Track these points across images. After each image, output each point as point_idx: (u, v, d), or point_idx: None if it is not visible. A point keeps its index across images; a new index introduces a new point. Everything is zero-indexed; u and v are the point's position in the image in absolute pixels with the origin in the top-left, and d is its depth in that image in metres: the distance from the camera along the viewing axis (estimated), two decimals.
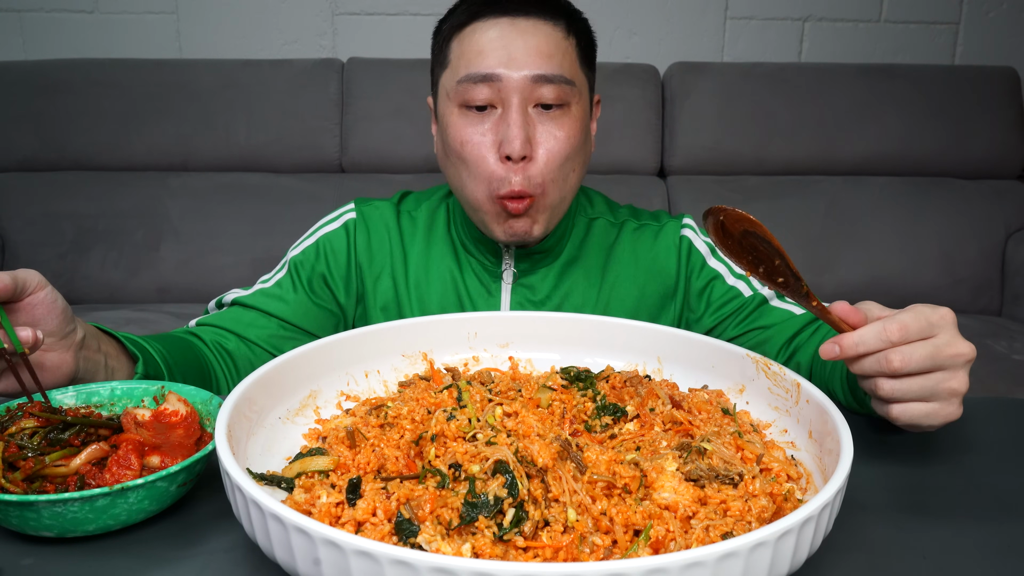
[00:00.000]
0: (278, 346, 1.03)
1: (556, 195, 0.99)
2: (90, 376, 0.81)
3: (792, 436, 0.74)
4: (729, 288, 1.06)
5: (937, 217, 2.39)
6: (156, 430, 0.73)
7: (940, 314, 0.70)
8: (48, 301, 0.76)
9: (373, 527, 0.56)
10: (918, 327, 0.69)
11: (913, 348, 0.68)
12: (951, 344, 0.69)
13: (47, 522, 0.62)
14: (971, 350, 0.70)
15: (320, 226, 1.11)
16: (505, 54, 0.94)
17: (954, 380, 0.69)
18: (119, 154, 2.42)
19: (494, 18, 0.96)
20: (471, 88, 0.95)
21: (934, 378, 0.69)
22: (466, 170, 0.98)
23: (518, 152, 0.93)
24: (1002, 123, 2.46)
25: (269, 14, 2.60)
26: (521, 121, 0.94)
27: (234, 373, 0.99)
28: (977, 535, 0.67)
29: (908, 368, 0.68)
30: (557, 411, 0.73)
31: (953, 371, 0.69)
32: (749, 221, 0.71)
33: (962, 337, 0.70)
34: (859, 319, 0.71)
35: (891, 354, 0.68)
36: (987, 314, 2.37)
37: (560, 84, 0.95)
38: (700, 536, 0.56)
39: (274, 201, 2.36)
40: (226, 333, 1.01)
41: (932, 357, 0.68)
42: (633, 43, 2.66)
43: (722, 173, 2.48)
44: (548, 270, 1.08)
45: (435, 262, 1.09)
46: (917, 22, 2.68)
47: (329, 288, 1.08)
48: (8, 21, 2.58)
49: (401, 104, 2.39)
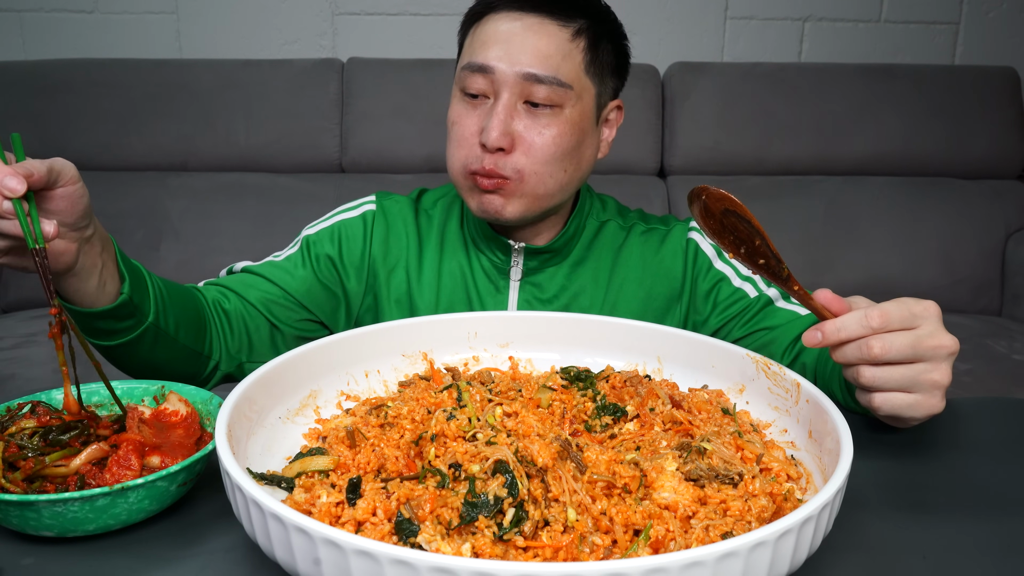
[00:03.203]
0: (275, 313, 1.03)
1: (539, 186, 1.00)
2: (84, 276, 0.79)
3: (792, 436, 0.74)
4: (735, 290, 1.07)
5: (937, 217, 2.39)
6: (156, 430, 0.73)
7: (924, 306, 0.70)
8: (76, 196, 0.75)
9: (373, 527, 0.56)
10: (900, 316, 0.69)
11: (894, 336, 0.69)
12: (933, 335, 0.69)
13: (47, 522, 0.62)
14: (954, 343, 0.70)
15: (338, 212, 1.13)
16: (504, 49, 0.97)
17: (936, 372, 0.70)
18: (119, 154, 2.41)
19: (508, 11, 0.99)
20: (469, 75, 0.99)
21: (916, 368, 0.70)
22: (451, 146, 1.03)
23: (492, 143, 0.96)
24: (1002, 123, 2.46)
25: (269, 14, 2.60)
26: (504, 116, 0.97)
27: (228, 332, 0.98)
28: (977, 535, 0.67)
29: (889, 356, 0.68)
30: (557, 411, 0.73)
31: (935, 363, 0.70)
32: (729, 200, 0.71)
33: (945, 330, 0.70)
34: (841, 307, 0.71)
35: (872, 340, 0.69)
36: (987, 314, 2.37)
37: (552, 85, 0.96)
38: (700, 536, 0.56)
39: (274, 201, 2.36)
40: (228, 292, 1.01)
41: (913, 347, 0.69)
42: (633, 43, 2.62)
43: (722, 173, 2.48)
44: (556, 269, 1.09)
45: (447, 258, 1.10)
46: (917, 22, 2.68)
47: (337, 271, 1.09)
48: (8, 21, 2.58)
49: (401, 104, 2.39)
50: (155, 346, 0.88)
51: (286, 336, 1.04)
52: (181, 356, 0.92)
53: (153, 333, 0.87)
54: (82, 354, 0.74)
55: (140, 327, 0.86)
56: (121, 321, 0.84)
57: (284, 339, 1.04)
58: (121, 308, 0.83)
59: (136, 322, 0.85)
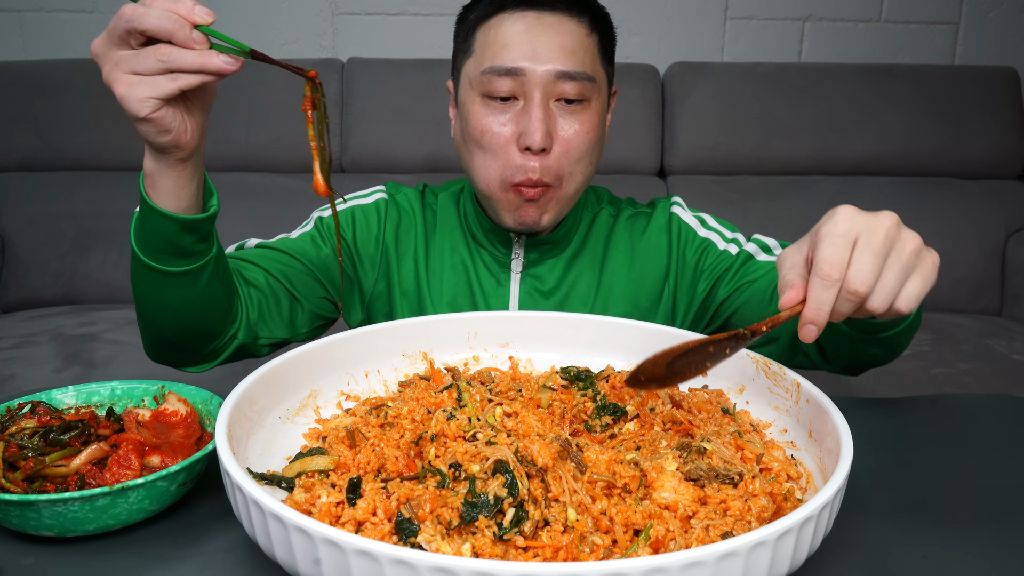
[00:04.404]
0: (295, 285, 1.01)
1: (571, 187, 1.02)
2: (192, 170, 0.79)
3: (792, 436, 0.74)
4: (720, 252, 1.08)
5: (937, 217, 2.39)
6: (156, 430, 0.73)
7: (843, 223, 0.65)
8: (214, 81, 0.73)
9: (373, 527, 0.56)
10: (841, 249, 0.64)
11: (858, 264, 0.64)
12: (874, 230, 0.65)
13: (47, 522, 0.62)
14: (890, 215, 0.66)
15: (350, 198, 1.13)
16: (530, 48, 0.96)
17: (907, 244, 0.66)
18: (119, 154, 2.41)
19: (521, 11, 0.98)
20: (495, 80, 0.97)
21: (893, 258, 0.65)
22: (483, 157, 1.00)
23: (538, 144, 0.96)
24: (1002, 123, 2.46)
25: (269, 14, 2.60)
26: (542, 115, 0.97)
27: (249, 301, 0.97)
28: (977, 535, 0.67)
29: (870, 281, 0.64)
30: (557, 411, 0.73)
31: (899, 241, 0.66)
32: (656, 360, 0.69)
33: (871, 213, 0.66)
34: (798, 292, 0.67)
35: (849, 286, 0.64)
36: (987, 314, 2.37)
37: (582, 81, 0.98)
38: (700, 536, 0.56)
39: (274, 201, 2.36)
40: (247, 264, 1.00)
41: (876, 252, 0.64)
42: (633, 43, 2.66)
43: (722, 173, 2.48)
44: (556, 261, 1.11)
45: (450, 253, 1.11)
46: (917, 22, 2.68)
47: (351, 253, 1.10)
48: (8, 21, 2.58)
49: (401, 104, 2.39)
50: (208, 284, 0.87)
51: (305, 310, 1.03)
52: (216, 308, 0.90)
53: (213, 266, 0.86)
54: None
55: (208, 254, 0.85)
56: (200, 242, 0.83)
57: (303, 313, 1.03)
58: (207, 222, 0.83)
59: (207, 247, 0.85)
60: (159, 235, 0.81)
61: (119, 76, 0.70)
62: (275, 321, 1.00)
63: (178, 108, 0.74)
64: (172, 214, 0.79)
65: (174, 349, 0.93)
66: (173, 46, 0.68)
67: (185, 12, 0.68)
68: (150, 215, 0.80)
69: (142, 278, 0.85)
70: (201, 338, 0.92)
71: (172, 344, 0.92)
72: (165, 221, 0.80)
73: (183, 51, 0.68)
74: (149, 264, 0.83)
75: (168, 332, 0.90)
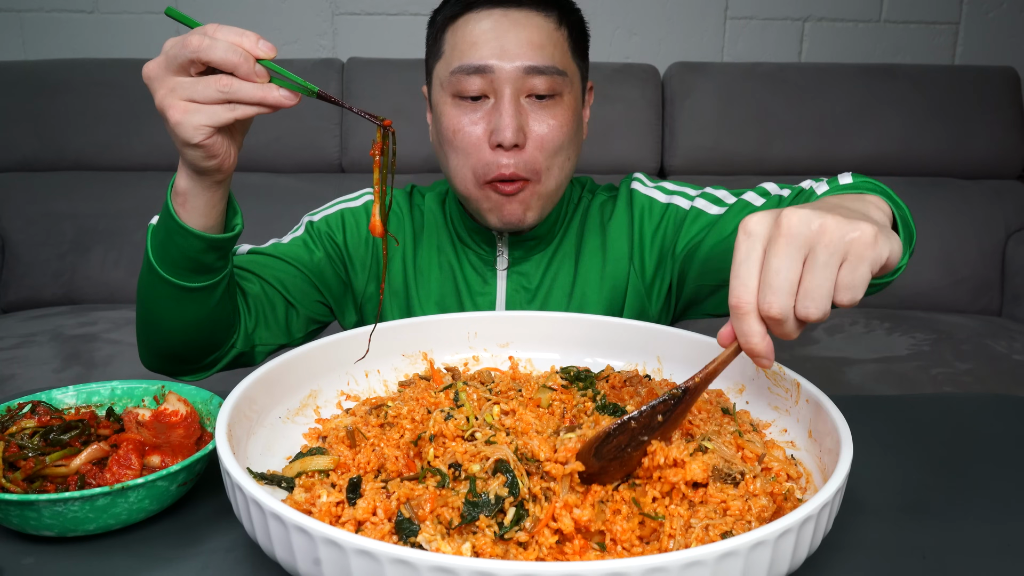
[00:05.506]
0: (290, 291, 1.02)
1: (551, 183, 1.01)
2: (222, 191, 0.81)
3: (792, 436, 0.74)
4: (678, 211, 1.07)
5: (937, 217, 2.39)
6: (156, 430, 0.73)
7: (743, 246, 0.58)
8: None
9: (373, 526, 0.56)
10: (746, 274, 0.57)
11: (766, 285, 0.56)
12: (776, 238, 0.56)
13: (48, 521, 0.62)
14: (795, 211, 0.56)
15: (339, 201, 1.14)
16: (498, 46, 0.96)
17: (825, 235, 0.55)
18: (119, 154, 2.41)
19: (487, 9, 0.98)
20: (464, 79, 0.97)
21: (811, 259, 0.56)
22: (456, 157, 1.01)
23: (509, 140, 0.96)
24: (1002, 123, 2.46)
25: (269, 14, 2.60)
26: (513, 111, 0.96)
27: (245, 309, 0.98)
28: (977, 535, 0.67)
29: (782, 298, 0.56)
30: (557, 411, 0.73)
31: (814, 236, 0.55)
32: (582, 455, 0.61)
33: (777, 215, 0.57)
34: (728, 329, 0.61)
35: (765, 313, 0.57)
36: (987, 314, 2.37)
37: (552, 75, 0.97)
38: (700, 535, 0.56)
39: (274, 201, 2.36)
40: (242, 272, 0.99)
41: (788, 261, 0.56)
42: (633, 43, 2.66)
43: (722, 173, 2.48)
44: (541, 257, 1.11)
45: (437, 253, 1.12)
46: (917, 22, 2.68)
47: (342, 256, 1.09)
48: (8, 21, 2.58)
49: (401, 104, 2.39)
50: (221, 298, 0.88)
51: (300, 315, 1.04)
52: (224, 321, 0.92)
53: (226, 282, 0.88)
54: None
55: (225, 269, 0.86)
56: (221, 259, 0.84)
57: (299, 318, 1.04)
58: (232, 241, 0.84)
59: (224, 264, 0.86)
60: (184, 252, 0.82)
61: (175, 103, 0.71)
62: (272, 328, 1.01)
63: (224, 134, 0.74)
64: (201, 233, 0.80)
65: (175, 359, 0.94)
66: (235, 78, 0.69)
67: (250, 46, 0.69)
68: (177, 233, 0.80)
69: (157, 292, 0.86)
70: (205, 349, 0.93)
71: (175, 355, 0.93)
72: (193, 239, 0.81)
73: (244, 83, 0.69)
74: (168, 279, 0.84)
75: (176, 344, 0.91)
